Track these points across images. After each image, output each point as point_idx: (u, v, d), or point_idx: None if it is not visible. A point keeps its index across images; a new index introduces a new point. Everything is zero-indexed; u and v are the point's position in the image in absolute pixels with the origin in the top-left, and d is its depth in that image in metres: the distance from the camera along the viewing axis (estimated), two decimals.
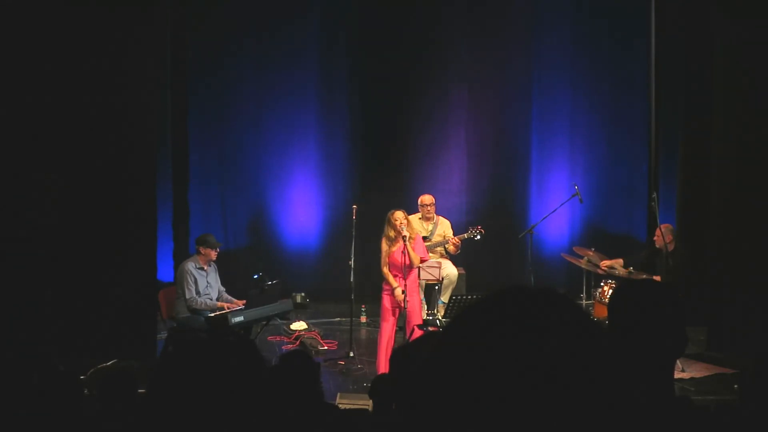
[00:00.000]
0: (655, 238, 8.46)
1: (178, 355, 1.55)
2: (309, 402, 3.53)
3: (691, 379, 7.13)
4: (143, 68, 7.73)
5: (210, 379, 1.47)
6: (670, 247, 8.24)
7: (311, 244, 10.72)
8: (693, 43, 9.15)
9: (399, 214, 7.16)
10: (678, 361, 6.65)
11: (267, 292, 7.86)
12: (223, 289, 8.21)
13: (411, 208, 8.66)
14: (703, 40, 8.70)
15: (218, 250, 8.08)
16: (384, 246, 7.22)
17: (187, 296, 7.78)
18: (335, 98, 10.56)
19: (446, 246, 9.06)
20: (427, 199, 9.17)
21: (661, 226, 8.34)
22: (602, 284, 8.65)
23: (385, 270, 7.22)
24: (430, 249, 8.84)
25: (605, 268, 8.71)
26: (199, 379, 1.47)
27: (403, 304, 7.05)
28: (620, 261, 8.71)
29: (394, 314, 7.22)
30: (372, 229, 7.73)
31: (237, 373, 1.50)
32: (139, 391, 4.16)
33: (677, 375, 6.89)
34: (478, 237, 9.08)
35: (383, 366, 6.96)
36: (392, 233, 7.16)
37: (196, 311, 7.80)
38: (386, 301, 7.22)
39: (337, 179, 10.66)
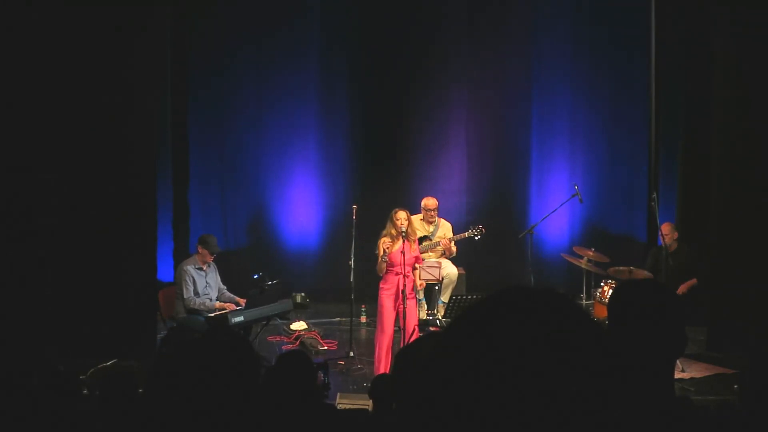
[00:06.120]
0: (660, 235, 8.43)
1: (171, 355, 1.55)
2: (307, 402, 3.53)
3: (691, 379, 7.13)
4: (144, 69, 7.73)
5: (203, 378, 1.47)
6: (672, 247, 8.24)
7: (311, 244, 10.72)
8: (693, 44, 9.14)
9: (402, 214, 7.16)
10: (678, 361, 6.65)
11: (267, 292, 7.87)
12: (224, 287, 8.20)
13: (411, 208, 8.63)
14: (703, 40, 8.70)
15: (215, 255, 8.06)
16: (385, 241, 7.16)
17: (185, 296, 7.78)
18: (335, 98, 10.55)
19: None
20: (431, 203, 9.12)
21: (663, 225, 8.33)
22: (602, 284, 8.65)
23: (384, 266, 7.10)
24: (431, 249, 8.85)
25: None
26: (192, 378, 1.47)
27: (401, 287, 7.01)
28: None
29: (392, 314, 7.20)
30: (372, 229, 7.73)
31: (230, 371, 1.50)
32: (139, 391, 4.16)
33: (677, 375, 6.89)
34: (479, 237, 9.07)
35: (382, 366, 6.96)
36: (394, 231, 7.15)
37: (194, 311, 7.79)
38: (384, 300, 7.20)
39: (337, 179, 10.65)
